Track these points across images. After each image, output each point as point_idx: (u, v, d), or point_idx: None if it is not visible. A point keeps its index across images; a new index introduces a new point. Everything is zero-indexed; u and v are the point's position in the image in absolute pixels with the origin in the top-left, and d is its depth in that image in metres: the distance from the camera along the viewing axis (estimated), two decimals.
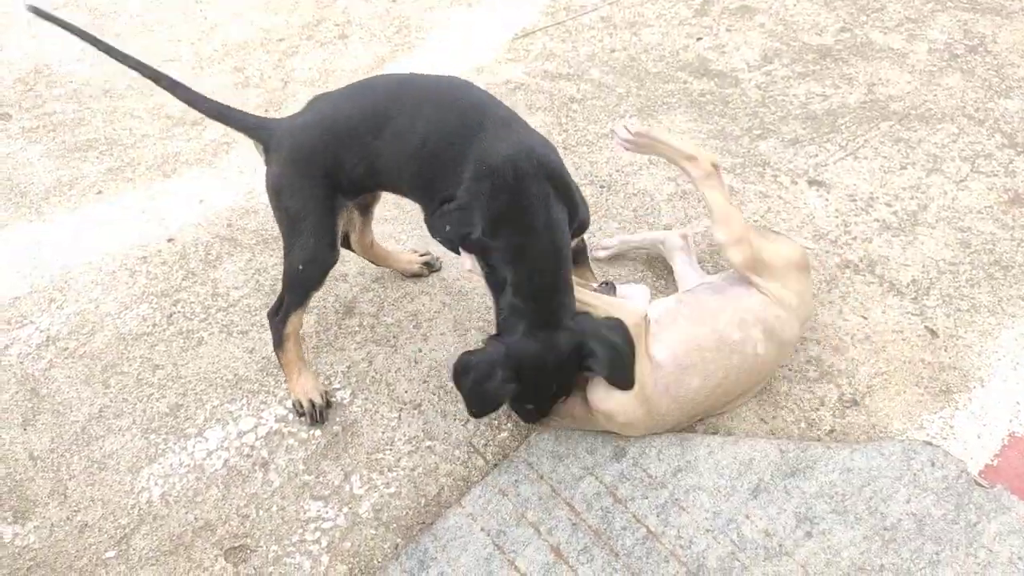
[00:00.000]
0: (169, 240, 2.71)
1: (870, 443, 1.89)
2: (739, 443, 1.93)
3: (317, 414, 2.09)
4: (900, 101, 3.13)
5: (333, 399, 2.17)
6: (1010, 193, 2.67)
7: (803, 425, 2.03)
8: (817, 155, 2.90)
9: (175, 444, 2.09)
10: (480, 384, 1.81)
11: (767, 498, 1.81)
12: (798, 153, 2.90)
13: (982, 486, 1.78)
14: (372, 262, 2.46)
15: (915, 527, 1.73)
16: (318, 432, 2.09)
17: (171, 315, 2.44)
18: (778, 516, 1.78)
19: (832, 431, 1.99)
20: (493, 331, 1.99)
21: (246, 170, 2.99)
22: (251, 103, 3.35)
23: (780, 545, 1.73)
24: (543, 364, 1.81)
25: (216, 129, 3.19)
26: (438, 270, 2.53)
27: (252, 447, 2.07)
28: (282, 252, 2.03)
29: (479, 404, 1.85)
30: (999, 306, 2.28)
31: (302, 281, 2.02)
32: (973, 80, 3.21)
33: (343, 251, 2.11)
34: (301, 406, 2.10)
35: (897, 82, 3.24)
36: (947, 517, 1.74)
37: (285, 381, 2.16)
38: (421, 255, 2.52)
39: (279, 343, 2.10)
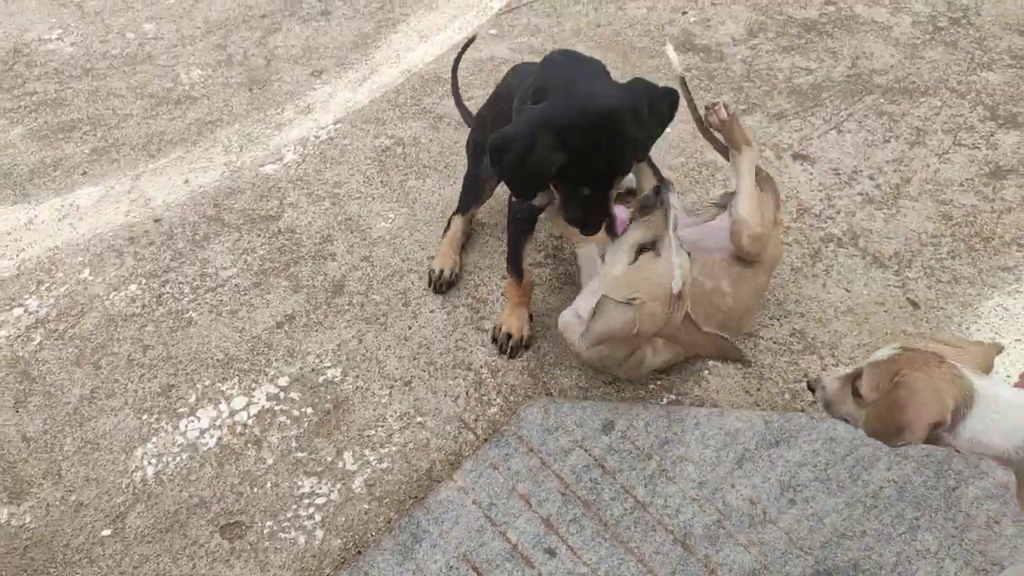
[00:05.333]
0: (156, 221, 2.71)
1: None
2: (725, 415, 1.97)
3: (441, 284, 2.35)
4: (884, 75, 3.15)
5: (324, 376, 2.19)
6: (991, 165, 2.70)
7: (787, 396, 2.07)
8: (801, 129, 2.91)
9: (167, 424, 2.10)
10: (523, 160, 1.63)
11: (752, 467, 1.85)
12: (783, 127, 2.92)
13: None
14: None
15: (896, 493, 1.77)
16: (309, 410, 2.12)
17: (160, 296, 2.44)
18: (762, 484, 1.82)
19: (815, 402, 2.03)
20: (482, 309, 1.99)
21: (232, 149, 2.97)
22: (234, 81, 3.32)
23: (764, 512, 1.77)
24: (591, 123, 1.64)
25: (201, 108, 3.17)
26: None
27: (245, 425, 2.09)
28: (270, 233, 2.03)
29: (527, 182, 1.70)
30: (979, 277, 2.32)
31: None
32: (956, 53, 3.23)
33: (329, 231, 2.11)
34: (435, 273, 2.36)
35: (881, 55, 3.25)
36: (927, 483, 1.79)
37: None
38: None
39: None
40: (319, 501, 1.92)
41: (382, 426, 2.08)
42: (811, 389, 1.58)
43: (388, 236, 2.61)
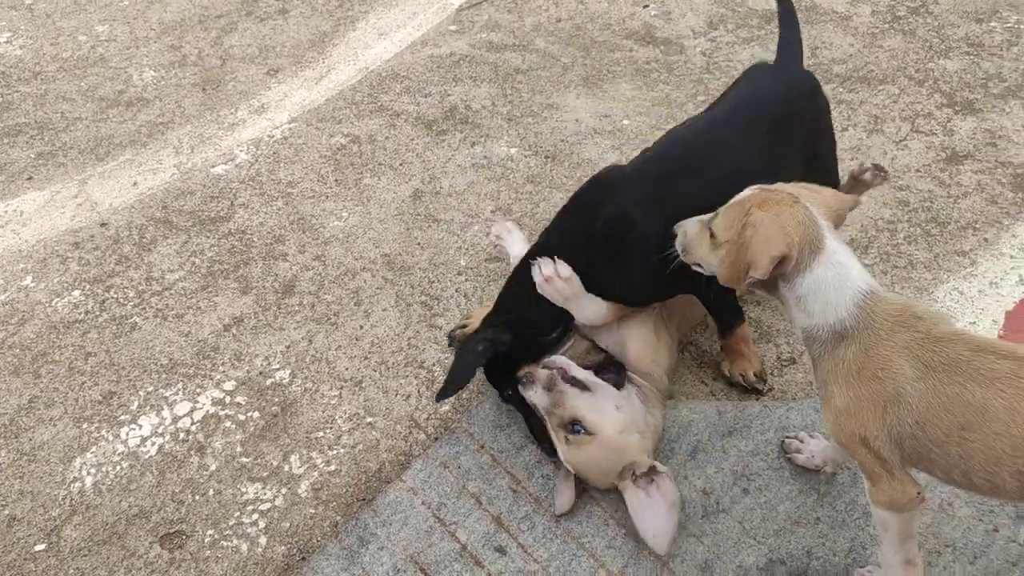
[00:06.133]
0: (102, 225, 2.64)
1: (805, 399, 1.90)
2: (678, 406, 1.93)
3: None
4: (843, 64, 3.14)
5: (272, 379, 2.14)
6: (948, 151, 2.68)
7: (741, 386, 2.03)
8: None
9: (108, 432, 2.04)
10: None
11: (705, 458, 1.81)
12: None
13: None
14: None
15: (849, 480, 1.74)
16: (256, 415, 2.06)
17: (104, 301, 2.38)
18: (715, 475, 1.78)
19: (771, 389, 2.00)
20: (435, 307, 1.92)
21: (182, 150, 2.91)
22: (188, 82, 3.26)
23: (717, 503, 1.73)
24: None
25: (152, 110, 3.10)
26: None
27: (188, 432, 2.03)
28: (220, 234, 1.96)
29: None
30: (935, 262, 2.30)
31: None
32: (914, 41, 3.22)
33: (281, 231, 2.05)
34: None
35: (840, 45, 3.24)
36: None
37: None
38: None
39: None
40: (263, 507, 1.86)
41: (331, 428, 2.02)
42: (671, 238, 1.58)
43: (341, 235, 2.56)
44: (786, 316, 2.18)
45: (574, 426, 1.69)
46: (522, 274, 1.86)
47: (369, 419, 2.04)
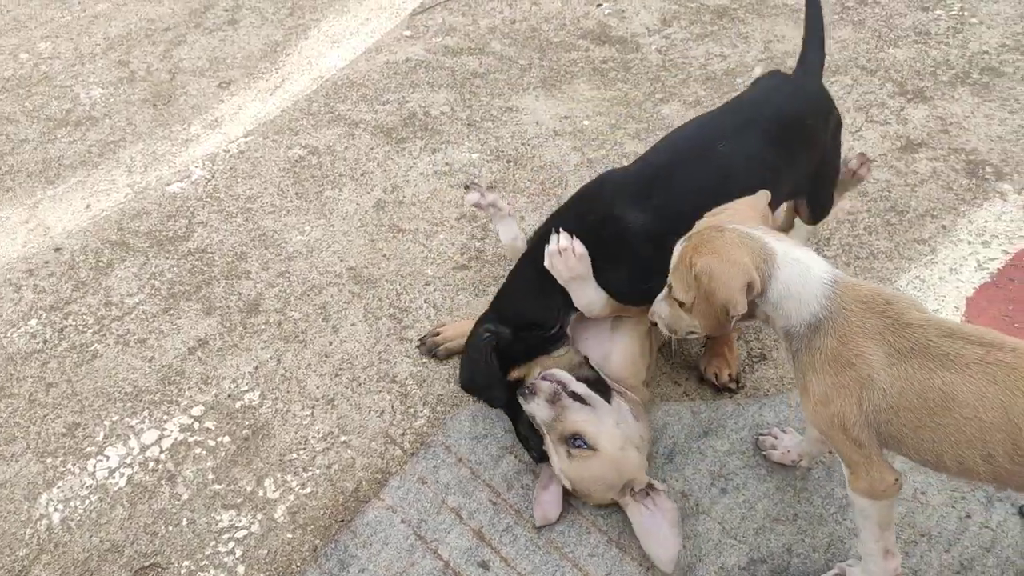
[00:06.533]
0: (56, 250, 2.56)
1: (778, 396, 1.92)
2: (654, 409, 1.94)
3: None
4: (795, 56, 3.16)
5: (241, 401, 2.09)
6: (903, 140, 2.74)
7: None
8: None
9: (74, 465, 1.98)
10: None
11: (682, 460, 1.82)
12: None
13: None
14: None
15: (825, 474, 1.77)
16: (226, 439, 2.01)
17: (62, 329, 2.31)
18: (693, 477, 1.79)
19: (743, 387, 2.02)
20: (405, 319, 1.90)
21: (136, 169, 2.84)
22: (137, 98, 3.18)
23: (697, 504, 1.75)
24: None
25: (102, 128, 3.02)
26: None
27: (157, 460, 1.98)
28: (179, 254, 1.92)
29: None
30: (896, 251, 2.34)
31: None
32: (864, 31, 3.28)
33: (243, 248, 2.01)
34: None
35: (792, 38, 3.27)
36: None
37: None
38: None
39: None
40: (239, 534, 1.83)
41: (304, 449, 1.99)
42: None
43: (305, 250, 2.52)
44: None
45: (575, 440, 1.68)
46: (525, 265, 1.87)
47: (343, 437, 2.01)
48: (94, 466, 1.98)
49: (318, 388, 2.12)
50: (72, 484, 1.94)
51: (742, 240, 1.35)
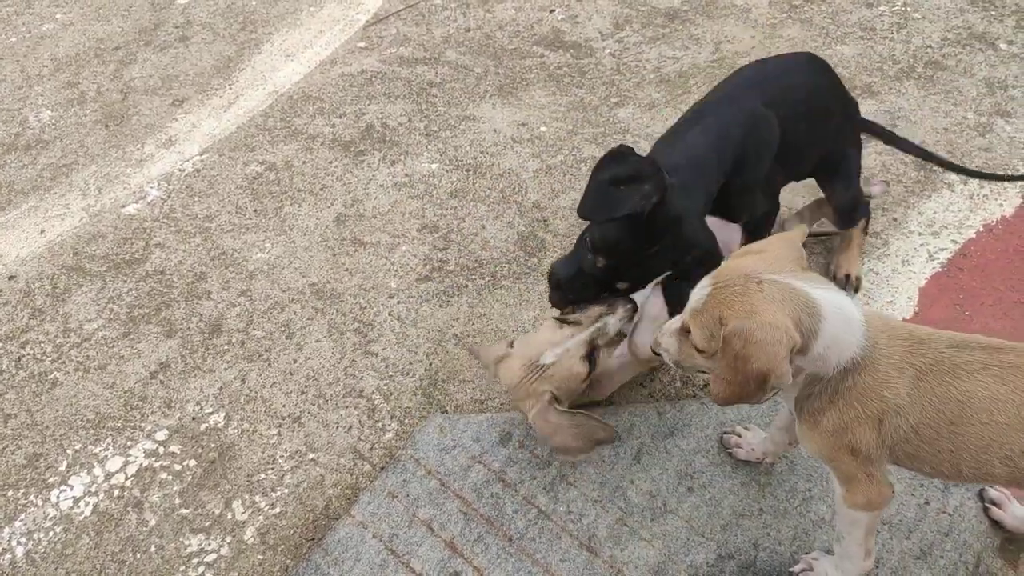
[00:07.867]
0: (10, 278, 2.51)
1: None
2: (620, 411, 1.96)
3: None
4: (746, 56, 3.23)
5: (206, 423, 2.07)
6: None
7: (679, 384, 2.08)
8: (673, 118, 2.94)
9: (37, 497, 1.94)
10: (619, 182, 1.53)
11: (649, 460, 1.85)
12: (655, 117, 2.95)
13: None
14: None
15: (787, 468, 1.80)
16: (192, 463, 1.99)
17: (19, 359, 2.26)
18: (660, 477, 1.82)
19: (706, 386, 2.05)
20: (369, 332, 1.82)
21: (89, 192, 2.79)
22: (89, 119, 3.13)
23: (664, 504, 1.77)
24: (682, 214, 1.60)
25: (53, 152, 2.97)
26: None
27: (123, 488, 1.95)
28: (137, 277, 1.89)
29: (600, 204, 1.56)
30: None
31: None
32: (811, 29, 3.35)
33: (202, 268, 1.98)
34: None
35: (742, 38, 3.34)
36: None
37: None
38: None
39: None
40: (209, 558, 1.81)
41: (272, 468, 1.98)
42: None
43: (266, 267, 2.50)
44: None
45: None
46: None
47: (311, 455, 2.00)
48: (57, 496, 1.94)
49: (284, 406, 2.11)
50: (35, 516, 1.91)
51: (784, 295, 1.19)
